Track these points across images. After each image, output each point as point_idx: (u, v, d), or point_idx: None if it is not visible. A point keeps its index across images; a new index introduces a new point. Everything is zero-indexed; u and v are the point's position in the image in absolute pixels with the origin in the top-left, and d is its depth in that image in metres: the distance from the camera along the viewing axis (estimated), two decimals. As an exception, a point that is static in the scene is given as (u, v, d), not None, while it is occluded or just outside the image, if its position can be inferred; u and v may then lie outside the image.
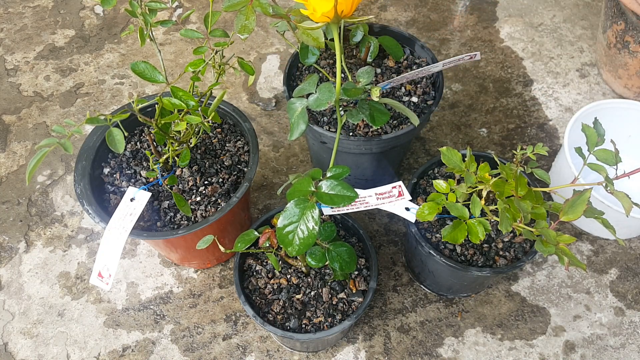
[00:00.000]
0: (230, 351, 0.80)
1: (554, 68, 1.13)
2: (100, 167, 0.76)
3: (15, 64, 1.16)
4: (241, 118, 0.78)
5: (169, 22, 0.58)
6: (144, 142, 0.79)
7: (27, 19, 1.25)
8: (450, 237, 0.63)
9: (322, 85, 0.57)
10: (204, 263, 0.86)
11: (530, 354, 0.80)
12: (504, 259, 0.71)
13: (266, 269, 0.72)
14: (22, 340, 0.82)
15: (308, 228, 0.49)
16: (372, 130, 0.77)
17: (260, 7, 0.48)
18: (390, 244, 0.90)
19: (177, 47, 1.18)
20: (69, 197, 0.97)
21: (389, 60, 0.85)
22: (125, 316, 0.84)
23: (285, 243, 0.49)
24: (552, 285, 0.86)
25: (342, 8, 0.50)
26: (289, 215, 0.50)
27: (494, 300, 0.85)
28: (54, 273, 0.88)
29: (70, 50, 1.19)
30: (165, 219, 0.72)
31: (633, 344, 0.81)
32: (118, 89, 1.12)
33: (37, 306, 0.85)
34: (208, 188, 0.73)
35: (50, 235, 0.92)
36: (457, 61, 0.69)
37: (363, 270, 0.72)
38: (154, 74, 0.56)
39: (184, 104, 0.55)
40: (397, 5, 1.25)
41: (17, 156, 1.02)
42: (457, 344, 0.81)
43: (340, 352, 0.80)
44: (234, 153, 0.78)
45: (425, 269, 0.80)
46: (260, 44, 1.19)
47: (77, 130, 0.51)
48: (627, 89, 1.05)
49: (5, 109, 1.09)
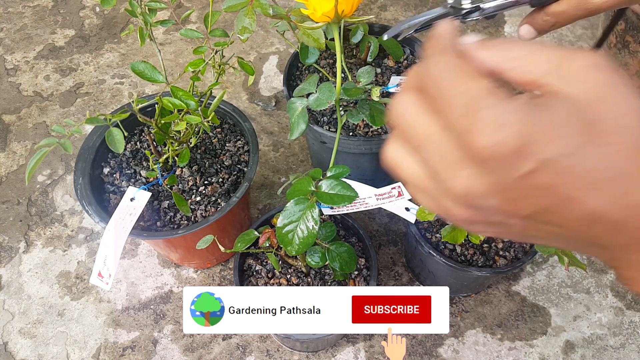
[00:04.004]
0: (231, 351, 0.80)
1: (554, 68, 1.13)
2: (100, 166, 0.76)
3: (15, 64, 1.16)
4: (241, 118, 0.78)
5: (168, 22, 0.58)
6: (143, 142, 0.79)
7: (27, 19, 1.25)
8: (450, 237, 0.63)
9: (322, 85, 0.57)
10: (204, 263, 0.86)
11: (530, 354, 0.80)
12: (504, 259, 0.71)
13: (266, 269, 0.72)
14: (22, 340, 0.82)
15: (308, 227, 0.49)
16: (372, 130, 0.77)
17: (260, 7, 0.48)
18: (390, 244, 0.90)
19: (177, 47, 1.18)
20: (68, 196, 0.97)
21: (389, 60, 0.85)
22: (125, 316, 0.84)
23: (285, 242, 0.49)
24: (552, 285, 0.86)
25: (342, 8, 0.50)
26: (289, 214, 0.50)
27: (494, 300, 0.85)
28: (54, 273, 0.88)
29: (70, 50, 1.19)
30: (165, 219, 0.72)
31: (633, 344, 0.81)
32: (118, 88, 1.12)
33: (37, 306, 0.85)
34: (208, 188, 0.73)
35: (50, 235, 0.92)
36: None
37: (363, 270, 0.72)
38: (154, 74, 0.55)
39: (184, 103, 0.55)
40: (397, 5, 1.25)
41: (17, 156, 1.02)
42: (457, 343, 0.81)
43: (340, 352, 0.80)
44: (234, 153, 0.78)
45: (425, 269, 0.80)
46: (260, 44, 1.18)
47: (77, 130, 0.51)
48: (627, 89, 1.05)
49: (5, 108, 1.09)
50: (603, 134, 0.22)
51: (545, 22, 0.52)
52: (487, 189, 0.23)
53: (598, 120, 0.22)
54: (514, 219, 0.24)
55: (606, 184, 0.22)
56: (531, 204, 0.23)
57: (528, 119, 0.22)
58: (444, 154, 0.24)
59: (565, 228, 0.24)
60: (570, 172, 0.22)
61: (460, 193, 0.24)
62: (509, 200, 0.23)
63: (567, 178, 0.22)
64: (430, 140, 0.25)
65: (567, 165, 0.22)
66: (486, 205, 0.24)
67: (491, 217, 0.24)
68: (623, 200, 0.22)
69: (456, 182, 0.24)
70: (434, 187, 0.26)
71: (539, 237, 0.25)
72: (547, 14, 0.51)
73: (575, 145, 0.22)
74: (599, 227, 0.23)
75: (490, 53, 0.24)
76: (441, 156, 0.24)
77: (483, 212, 0.24)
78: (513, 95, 0.23)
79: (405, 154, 0.26)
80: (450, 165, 0.24)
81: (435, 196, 0.26)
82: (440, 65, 0.24)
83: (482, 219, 0.25)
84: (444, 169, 0.24)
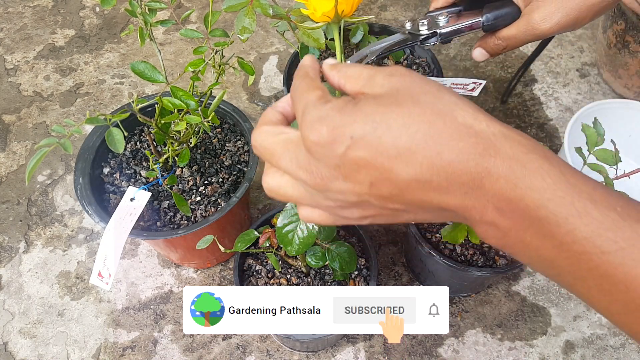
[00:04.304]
0: (231, 351, 0.80)
1: (554, 68, 1.13)
2: (100, 166, 0.76)
3: (15, 64, 1.16)
4: (241, 118, 0.78)
5: (168, 22, 0.58)
6: (143, 142, 0.79)
7: (27, 19, 1.25)
8: (450, 237, 0.63)
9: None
10: (204, 263, 0.86)
11: (530, 354, 0.80)
12: (504, 259, 0.71)
13: (266, 269, 0.72)
14: (22, 340, 0.82)
15: (308, 227, 0.49)
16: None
17: (260, 7, 0.48)
18: (390, 244, 0.90)
19: (177, 47, 1.18)
20: (68, 196, 0.97)
21: (389, 60, 0.85)
22: (125, 316, 0.84)
23: (285, 242, 0.49)
24: (552, 285, 0.86)
25: (342, 8, 0.50)
26: (289, 214, 0.50)
27: (494, 300, 0.85)
28: (54, 273, 0.88)
29: (70, 50, 1.19)
30: (165, 219, 0.72)
31: (633, 344, 0.81)
32: (118, 88, 1.12)
33: (37, 306, 0.85)
34: (208, 188, 0.73)
35: (50, 235, 0.92)
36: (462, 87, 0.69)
37: (363, 270, 0.72)
38: (154, 74, 0.55)
39: (184, 103, 0.55)
40: (397, 5, 1.25)
41: (17, 156, 1.02)
42: (457, 343, 0.81)
43: (340, 352, 0.80)
44: (234, 153, 0.78)
45: (425, 269, 0.80)
46: (260, 44, 1.18)
47: (77, 130, 0.51)
48: (627, 89, 1.05)
49: (5, 108, 1.09)
50: (400, 111, 0.28)
51: (497, 46, 0.55)
52: (327, 172, 0.29)
53: (395, 104, 0.28)
54: (363, 197, 0.29)
55: (419, 150, 0.27)
56: (364, 178, 0.28)
57: (340, 113, 0.28)
58: (296, 158, 0.30)
59: (406, 199, 0.29)
60: (379, 143, 0.27)
61: (315, 183, 0.30)
62: (347, 177, 0.29)
63: (379, 149, 0.27)
64: (285, 151, 0.31)
65: (375, 138, 0.27)
66: (337, 188, 0.29)
67: (349, 199, 0.30)
68: (437, 161, 0.27)
69: (309, 177, 0.30)
70: (305, 193, 0.32)
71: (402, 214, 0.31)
72: (498, 38, 0.54)
73: (377, 121, 0.27)
74: (431, 194, 0.28)
75: (335, 73, 0.33)
76: (296, 160, 0.30)
77: (341, 196, 0.30)
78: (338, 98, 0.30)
79: (278, 177, 0.33)
80: (302, 164, 0.30)
81: (313, 199, 0.32)
82: (295, 85, 0.32)
83: (349, 205, 0.30)
84: (299, 170, 0.30)
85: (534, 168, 0.27)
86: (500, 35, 0.54)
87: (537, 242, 0.28)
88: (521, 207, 0.27)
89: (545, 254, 0.28)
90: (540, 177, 0.27)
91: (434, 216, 0.31)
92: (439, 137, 0.27)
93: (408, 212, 0.30)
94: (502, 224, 0.28)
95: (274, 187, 0.33)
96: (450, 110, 0.28)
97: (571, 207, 0.26)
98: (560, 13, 0.49)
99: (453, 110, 0.28)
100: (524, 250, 0.29)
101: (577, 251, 0.27)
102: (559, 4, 0.49)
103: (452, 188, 0.28)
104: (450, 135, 0.27)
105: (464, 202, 0.28)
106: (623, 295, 0.26)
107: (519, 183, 0.27)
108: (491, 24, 0.53)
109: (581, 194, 0.27)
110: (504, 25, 0.53)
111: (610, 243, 0.26)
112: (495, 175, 0.27)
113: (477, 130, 0.28)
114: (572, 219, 0.26)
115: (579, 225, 0.26)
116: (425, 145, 0.27)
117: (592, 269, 0.27)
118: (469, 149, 0.27)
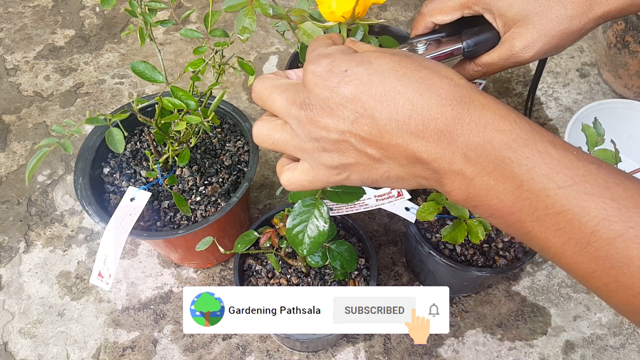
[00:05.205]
0: (230, 351, 0.80)
1: (554, 68, 1.13)
2: (100, 166, 0.76)
3: (15, 64, 1.16)
4: (241, 118, 0.78)
5: (168, 22, 0.58)
6: (143, 142, 0.79)
7: (27, 19, 1.25)
8: (450, 237, 0.63)
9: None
10: (204, 263, 0.86)
11: (530, 354, 0.80)
12: (504, 259, 0.71)
13: (266, 269, 0.72)
14: (22, 340, 0.82)
15: (317, 227, 0.49)
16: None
17: (260, 7, 0.48)
18: (390, 244, 0.90)
19: (177, 47, 1.18)
20: (68, 196, 0.97)
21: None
22: (125, 316, 0.84)
23: (295, 243, 0.49)
24: (552, 285, 0.86)
25: (359, 9, 0.50)
26: (297, 214, 0.49)
27: (494, 300, 0.85)
28: (54, 273, 0.88)
29: (70, 50, 1.19)
30: (165, 219, 0.72)
31: (633, 344, 0.81)
32: (118, 88, 1.12)
33: (37, 306, 0.85)
34: (208, 188, 0.73)
35: (50, 235, 0.92)
36: None
37: (363, 270, 0.72)
38: (154, 74, 0.55)
39: (184, 103, 0.55)
40: (397, 5, 1.25)
41: (17, 156, 1.02)
42: (457, 344, 0.81)
43: (340, 352, 0.80)
44: (234, 153, 0.78)
45: (425, 269, 0.80)
46: (260, 44, 1.18)
47: (77, 130, 0.51)
48: (627, 89, 1.05)
49: (5, 108, 1.09)
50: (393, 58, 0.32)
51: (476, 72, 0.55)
52: (317, 104, 0.32)
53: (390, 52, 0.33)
54: (345, 135, 0.32)
55: (403, 90, 0.31)
56: (348, 115, 0.31)
57: (343, 53, 0.33)
58: (292, 96, 0.34)
59: (384, 142, 0.31)
60: (368, 80, 0.31)
61: (304, 116, 0.33)
62: (332, 112, 0.32)
63: (367, 86, 0.31)
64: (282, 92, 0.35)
65: (366, 75, 0.31)
66: (322, 123, 0.32)
67: (332, 136, 0.32)
68: (418, 102, 0.30)
69: (298, 111, 0.33)
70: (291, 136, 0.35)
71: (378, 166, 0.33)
72: (478, 64, 0.54)
73: (370, 62, 0.32)
74: (407, 137, 0.31)
75: (292, 72, 0.39)
76: (291, 97, 0.34)
77: (325, 132, 0.32)
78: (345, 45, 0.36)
79: (269, 121, 0.36)
80: (295, 100, 0.33)
81: (297, 141, 0.34)
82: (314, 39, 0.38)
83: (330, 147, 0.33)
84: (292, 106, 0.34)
85: (502, 114, 0.30)
86: (480, 61, 0.53)
87: (500, 185, 0.30)
88: (487, 149, 0.30)
89: (507, 198, 0.30)
90: (508, 122, 0.30)
91: (406, 172, 0.33)
92: (422, 81, 0.31)
93: (383, 162, 0.33)
94: (468, 170, 0.30)
95: (264, 131, 0.36)
96: (435, 65, 0.32)
97: (533, 147, 0.29)
98: (542, 41, 0.49)
99: (438, 66, 0.32)
100: (486, 197, 0.31)
101: (536, 189, 0.29)
102: (540, 31, 0.48)
103: (427, 133, 0.30)
104: (432, 82, 0.31)
105: (435, 150, 0.31)
106: (577, 232, 0.28)
107: (488, 126, 0.30)
108: (472, 49, 0.52)
109: (543, 137, 0.30)
110: (484, 51, 0.52)
111: (567, 179, 0.28)
112: (467, 119, 0.30)
113: (456, 82, 0.31)
114: (534, 157, 0.29)
115: (539, 163, 0.29)
116: (409, 86, 0.30)
117: (549, 206, 0.29)
118: (448, 94, 0.30)
